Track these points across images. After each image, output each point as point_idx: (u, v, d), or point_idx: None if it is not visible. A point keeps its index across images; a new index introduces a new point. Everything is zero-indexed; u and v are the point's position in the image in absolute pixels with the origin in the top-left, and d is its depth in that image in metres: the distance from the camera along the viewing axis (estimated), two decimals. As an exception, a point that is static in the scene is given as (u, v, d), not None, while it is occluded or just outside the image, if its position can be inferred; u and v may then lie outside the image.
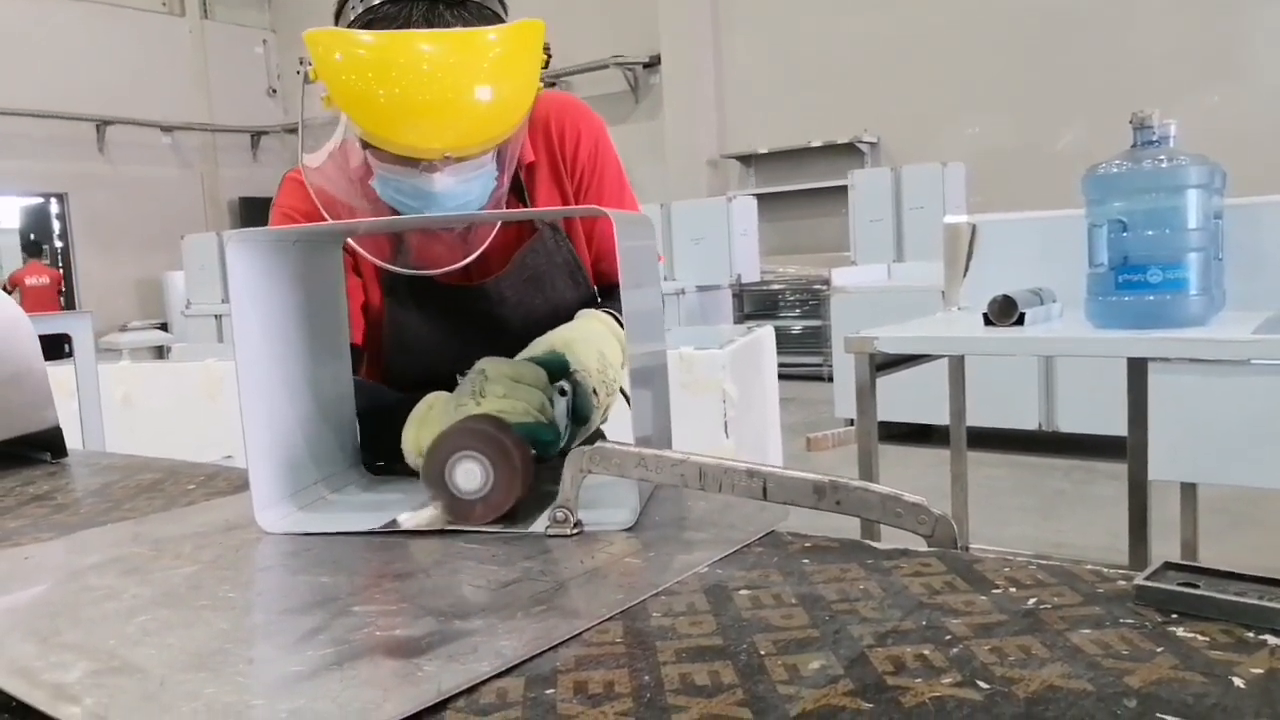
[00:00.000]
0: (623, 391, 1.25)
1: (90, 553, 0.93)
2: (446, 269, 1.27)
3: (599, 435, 1.34)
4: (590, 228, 1.43)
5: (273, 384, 1.02)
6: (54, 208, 12.28)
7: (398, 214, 1.19)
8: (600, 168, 1.41)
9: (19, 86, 11.55)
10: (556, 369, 1.14)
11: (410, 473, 1.17)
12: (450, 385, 1.21)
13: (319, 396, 1.10)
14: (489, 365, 1.12)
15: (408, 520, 0.96)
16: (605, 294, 1.42)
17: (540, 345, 1.22)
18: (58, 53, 11.95)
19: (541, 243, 1.36)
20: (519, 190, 1.36)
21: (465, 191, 1.16)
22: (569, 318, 1.32)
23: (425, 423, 1.14)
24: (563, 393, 1.11)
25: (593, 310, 1.32)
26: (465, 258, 1.27)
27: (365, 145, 1.14)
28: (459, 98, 1.09)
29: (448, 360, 1.29)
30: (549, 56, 1.15)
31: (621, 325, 1.27)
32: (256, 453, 0.97)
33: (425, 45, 1.08)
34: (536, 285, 1.35)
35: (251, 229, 1.01)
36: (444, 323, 1.34)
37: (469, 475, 0.93)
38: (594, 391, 1.17)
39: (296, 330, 1.06)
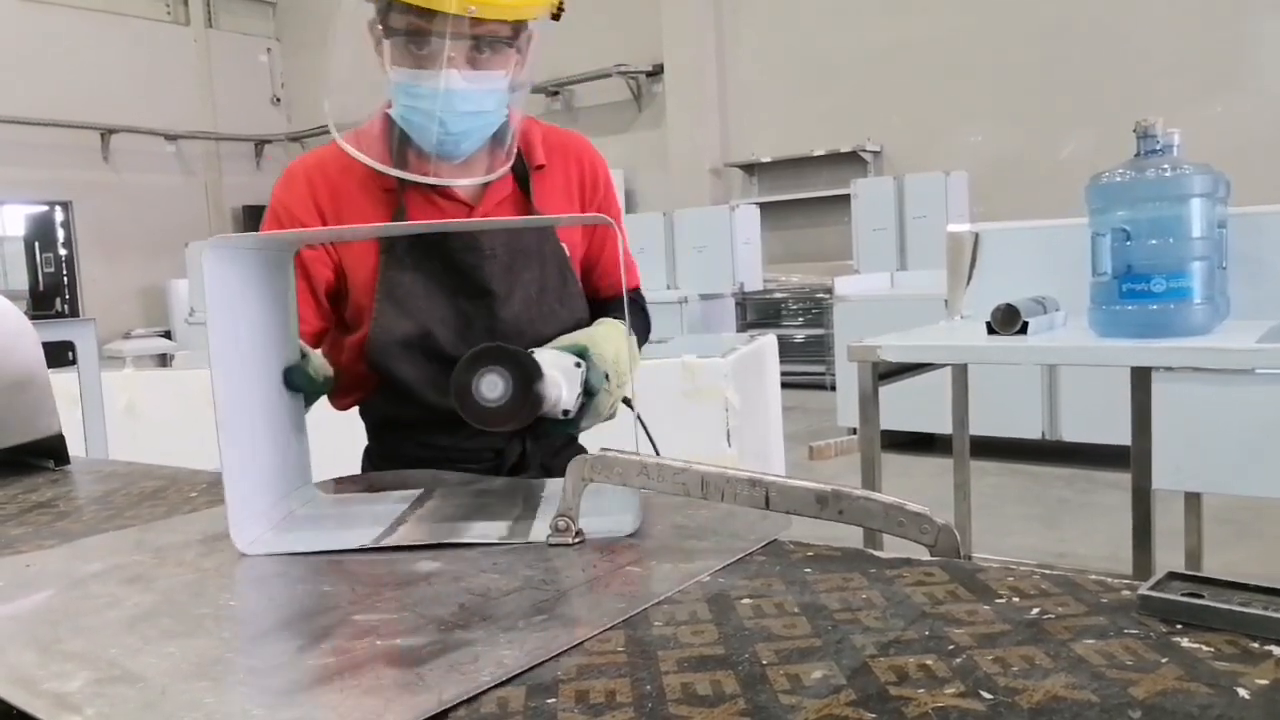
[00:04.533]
0: (626, 401, 1.31)
1: (92, 560, 0.93)
2: (463, 181, 1.36)
3: (578, 448, 1.46)
4: (599, 252, 1.52)
5: (251, 398, 1.00)
6: (58, 215, 12.29)
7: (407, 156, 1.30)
8: (612, 207, 1.54)
9: (23, 95, 11.57)
10: (577, 354, 1.24)
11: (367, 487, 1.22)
12: (431, 341, 1.35)
13: (288, 407, 1.08)
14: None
15: (392, 539, 0.94)
16: (603, 307, 1.50)
17: (563, 341, 1.29)
18: (62, 61, 11.97)
19: (537, 230, 1.42)
20: (525, 184, 1.43)
21: (479, 100, 1.27)
22: (552, 303, 1.42)
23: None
24: (578, 365, 1.22)
25: (608, 319, 1.39)
26: (473, 203, 1.38)
27: (389, 33, 1.24)
28: None
29: (434, 312, 1.36)
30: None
31: (631, 334, 1.37)
32: (234, 471, 0.93)
33: None
34: (525, 256, 1.41)
35: (230, 234, 0.98)
36: (436, 276, 1.38)
37: (492, 386, 1.06)
38: (605, 376, 1.25)
39: (264, 340, 1.04)
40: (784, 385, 4.42)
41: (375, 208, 1.37)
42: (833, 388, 6.60)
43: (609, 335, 1.31)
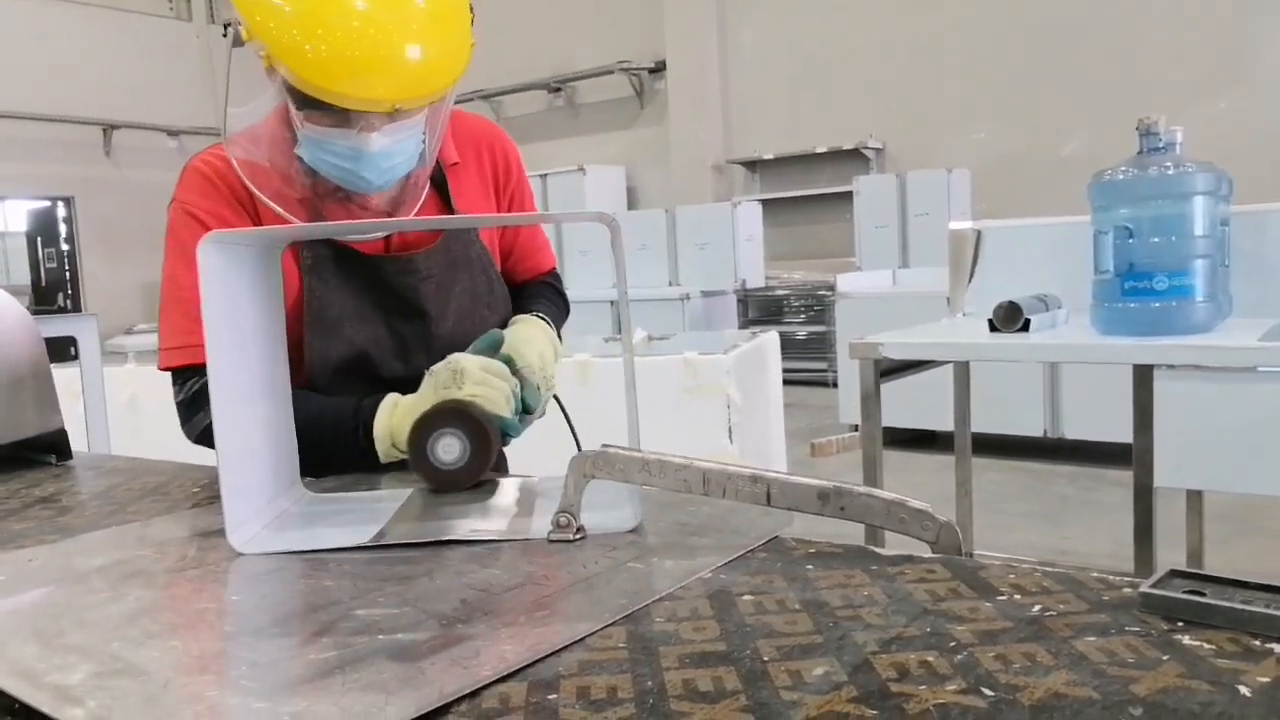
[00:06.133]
0: (556, 398, 1.35)
1: (94, 555, 0.93)
2: (388, 224, 1.29)
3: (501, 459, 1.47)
4: (513, 237, 1.52)
5: (250, 394, 0.99)
6: (60, 211, 12.30)
7: (320, 179, 1.23)
8: (526, 191, 1.52)
9: (25, 91, 11.57)
10: (504, 361, 1.25)
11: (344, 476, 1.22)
12: (368, 362, 1.33)
13: (276, 403, 1.08)
14: (461, 359, 1.21)
15: (390, 537, 0.94)
16: (521, 291, 1.52)
17: (482, 344, 1.29)
18: (64, 57, 11.97)
19: (459, 234, 1.41)
20: (442, 186, 1.40)
21: (399, 151, 1.21)
22: (483, 310, 1.41)
23: (395, 414, 1.23)
24: (514, 391, 1.23)
25: (526, 315, 1.40)
26: (395, 218, 1.32)
27: (302, 105, 1.16)
28: (403, 49, 1.13)
29: (368, 333, 1.34)
30: (473, 15, 1.22)
31: (551, 325, 1.39)
32: (230, 468, 0.92)
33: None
34: (455, 270, 1.40)
35: (226, 230, 0.96)
36: (366, 295, 1.35)
37: (449, 449, 1.08)
38: (537, 387, 1.26)
39: (254, 334, 1.03)
40: (786, 382, 4.42)
41: (294, 214, 1.29)
42: (834, 384, 6.61)
43: (530, 337, 1.30)
